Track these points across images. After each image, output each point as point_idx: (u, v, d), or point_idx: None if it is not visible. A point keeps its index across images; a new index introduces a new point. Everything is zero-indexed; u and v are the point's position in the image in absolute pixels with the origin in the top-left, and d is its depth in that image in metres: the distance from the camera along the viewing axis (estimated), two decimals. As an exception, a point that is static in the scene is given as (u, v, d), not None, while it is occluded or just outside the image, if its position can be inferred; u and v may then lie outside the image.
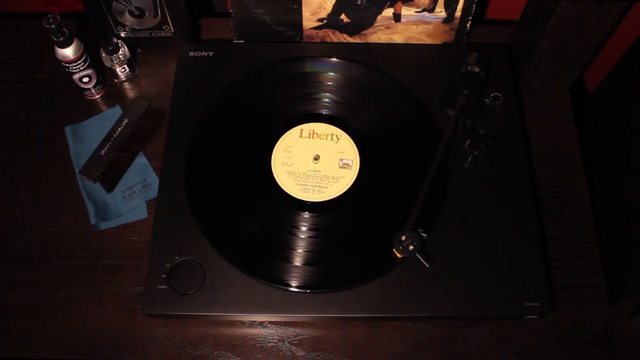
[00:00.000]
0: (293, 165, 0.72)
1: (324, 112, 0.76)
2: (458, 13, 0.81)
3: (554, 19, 0.73)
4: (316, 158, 0.73)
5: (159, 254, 0.67)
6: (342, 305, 0.65)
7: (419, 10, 0.80)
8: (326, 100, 0.77)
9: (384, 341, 0.69)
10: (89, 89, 0.81)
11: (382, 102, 0.77)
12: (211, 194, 0.71)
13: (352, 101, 0.77)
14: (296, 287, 0.65)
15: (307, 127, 0.75)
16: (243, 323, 0.70)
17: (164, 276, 0.66)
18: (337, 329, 0.70)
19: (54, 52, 0.75)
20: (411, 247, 0.65)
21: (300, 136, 0.74)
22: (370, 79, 0.78)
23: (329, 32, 0.84)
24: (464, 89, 0.73)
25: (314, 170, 0.72)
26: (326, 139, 0.74)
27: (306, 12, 0.81)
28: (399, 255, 0.65)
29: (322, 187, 0.71)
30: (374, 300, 0.65)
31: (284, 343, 0.69)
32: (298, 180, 0.71)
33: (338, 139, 0.74)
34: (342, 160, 0.73)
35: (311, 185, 0.71)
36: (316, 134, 0.74)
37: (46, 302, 0.70)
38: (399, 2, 0.80)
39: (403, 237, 0.65)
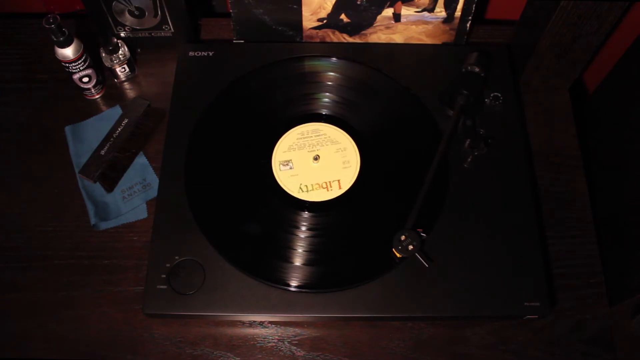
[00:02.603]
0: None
1: (324, 112, 0.76)
2: (458, 13, 0.81)
3: (554, 19, 0.73)
4: (316, 158, 0.73)
5: (159, 254, 0.67)
6: (342, 305, 0.65)
7: (419, 10, 0.80)
8: (326, 100, 0.77)
9: (384, 341, 0.69)
10: (89, 89, 0.81)
11: (382, 102, 0.77)
12: (211, 194, 0.71)
13: (352, 101, 0.77)
14: (296, 287, 0.65)
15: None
16: (243, 323, 0.70)
17: (164, 276, 0.66)
18: (337, 329, 0.70)
19: (54, 52, 0.75)
20: (411, 247, 0.65)
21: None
22: (370, 79, 0.78)
23: (329, 32, 0.84)
24: (464, 89, 0.73)
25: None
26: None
27: (306, 12, 0.81)
28: (398, 255, 0.65)
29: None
30: (374, 300, 0.65)
31: (284, 343, 0.69)
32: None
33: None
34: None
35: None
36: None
37: (46, 302, 0.70)
38: (399, 2, 0.80)
39: (403, 237, 0.65)
